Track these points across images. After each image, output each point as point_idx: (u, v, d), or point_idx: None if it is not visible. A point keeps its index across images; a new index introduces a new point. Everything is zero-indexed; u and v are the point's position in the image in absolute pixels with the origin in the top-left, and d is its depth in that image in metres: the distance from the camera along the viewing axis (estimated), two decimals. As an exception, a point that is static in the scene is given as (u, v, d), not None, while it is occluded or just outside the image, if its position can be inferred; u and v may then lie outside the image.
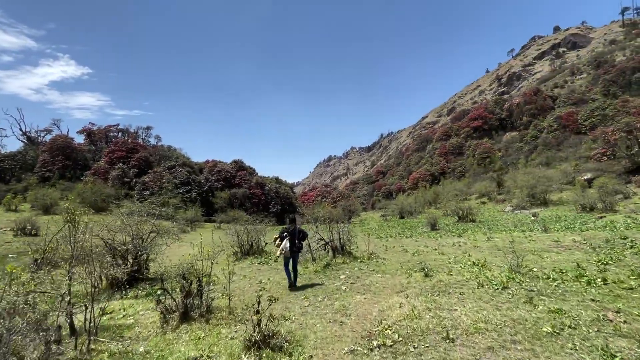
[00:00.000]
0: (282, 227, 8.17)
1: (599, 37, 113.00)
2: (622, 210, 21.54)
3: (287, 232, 7.58)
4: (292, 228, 7.69)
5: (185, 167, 53.92)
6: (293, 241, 7.45)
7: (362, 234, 21.09)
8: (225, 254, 13.56)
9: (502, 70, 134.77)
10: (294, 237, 7.49)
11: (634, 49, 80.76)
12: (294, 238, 7.50)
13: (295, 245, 7.47)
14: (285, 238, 7.47)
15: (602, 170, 37.06)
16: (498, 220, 24.57)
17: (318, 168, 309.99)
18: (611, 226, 11.91)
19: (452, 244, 12.13)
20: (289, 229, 7.68)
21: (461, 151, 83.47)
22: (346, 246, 10.36)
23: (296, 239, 7.52)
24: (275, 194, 58.56)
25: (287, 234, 7.51)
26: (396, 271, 7.96)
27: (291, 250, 7.40)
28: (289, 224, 7.92)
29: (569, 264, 6.88)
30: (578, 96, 72.06)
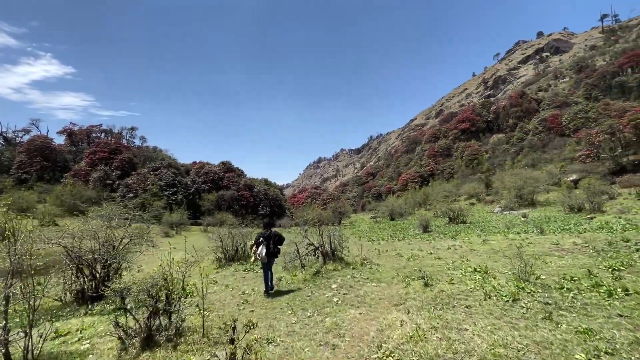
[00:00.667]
0: (257, 233, 8.04)
1: (580, 42, 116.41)
2: (609, 211, 21.59)
3: (262, 237, 7.48)
4: (268, 233, 7.59)
5: (171, 168, 52.36)
6: (269, 245, 7.38)
7: (353, 236, 20.48)
8: (208, 259, 12.72)
9: (488, 74, 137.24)
10: (269, 242, 7.42)
11: (613, 55, 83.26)
12: (270, 243, 7.42)
13: (271, 250, 7.40)
14: (262, 244, 7.35)
15: (587, 172, 37.61)
16: (489, 221, 24.35)
17: (308, 170, 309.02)
18: (607, 227, 11.62)
19: (447, 247, 11.61)
20: (265, 234, 7.57)
21: (449, 153, 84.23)
22: (337, 251, 9.69)
23: (272, 244, 7.44)
24: (265, 195, 57.50)
25: (263, 239, 7.40)
26: (392, 279, 7.32)
27: (267, 255, 7.31)
28: (264, 229, 7.83)
29: (577, 269, 6.39)
30: (561, 99, 73.68)
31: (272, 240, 7.51)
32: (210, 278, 9.62)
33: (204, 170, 57.11)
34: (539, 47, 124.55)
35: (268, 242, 7.43)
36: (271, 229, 7.81)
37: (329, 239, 9.70)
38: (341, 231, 10.78)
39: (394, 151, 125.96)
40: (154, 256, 14.24)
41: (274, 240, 7.55)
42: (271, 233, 7.62)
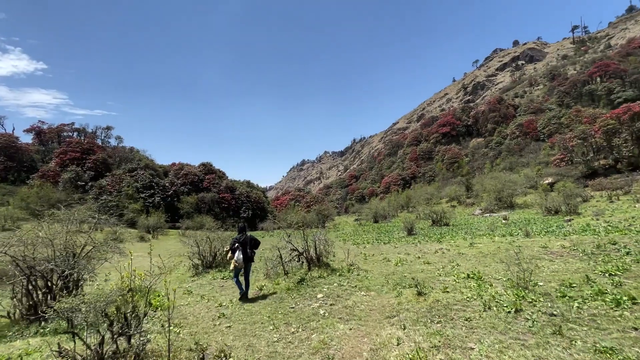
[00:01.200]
0: (232, 238, 7.77)
1: (552, 52, 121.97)
2: (585, 213, 22.23)
3: (237, 242, 7.27)
4: (243, 237, 7.39)
5: (149, 169, 50.28)
6: (245, 250, 7.23)
7: (337, 240, 20.01)
8: (184, 266, 11.87)
9: (467, 80, 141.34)
10: (245, 246, 7.27)
11: (583, 64, 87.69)
12: (246, 247, 7.27)
13: (247, 255, 7.27)
14: (237, 249, 7.16)
15: (562, 175, 38.99)
16: (471, 223, 24.55)
17: (291, 172, 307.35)
18: (590, 230, 11.69)
19: (435, 250, 11.32)
20: (240, 238, 7.35)
21: (431, 156, 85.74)
22: (323, 257, 9.15)
23: (248, 248, 7.30)
24: (247, 198, 56.22)
25: (239, 244, 7.22)
26: (382, 287, 6.86)
27: (245, 260, 7.18)
28: (238, 233, 7.57)
29: (572, 275, 6.15)
30: (536, 105, 76.66)
31: (249, 244, 7.36)
32: (184, 287, 8.85)
33: (183, 171, 55.23)
34: (515, 55, 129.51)
35: (244, 247, 7.25)
36: (246, 233, 7.59)
37: (314, 244, 9.15)
38: (326, 235, 10.27)
39: (377, 154, 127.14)
40: (127, 263, 13.24)
41: (251, 244, 7.40)
42: (246, 237, 7.42)
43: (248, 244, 7.37)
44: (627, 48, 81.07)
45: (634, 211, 18.94)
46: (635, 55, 73.15)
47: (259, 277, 9.27)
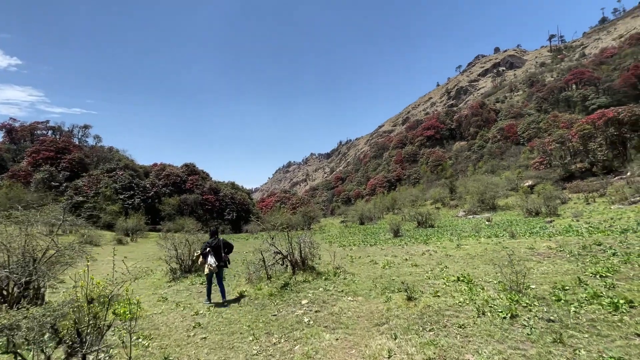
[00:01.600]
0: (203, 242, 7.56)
1: (531, 59, 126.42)
2: (564, 215, 22.75)
3: (210, 246, 7.07)
4: (215, 241, 7.22)
5: (128, 170, 48.51)
6: (219, 255, 7.04)
7: (323, 242, 19.66)
8: (162, 270, 11.21)
9: (451, 85, 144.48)
10: (218, 251, 7.08)
11: (559, 72, 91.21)
12: (219, 251, 7.09)
13: (222, 260, 7.12)
14: (209, 254, 6.96)
15: (541, 178, 40.11)
16: (456, 225, 24.73)
17: (277, 174, 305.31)
18: (573, 231, 11.80)
19: (422, 252, 11.13)
20: (212, 242, 7.18)
21: (415, 159, 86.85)
22: (308, 260, 8.76)
23: (222, 252, 7.12)
24: (231, 200, 55.10)
25: (211, 249, 7.02)
26: (370, 291, 6.53)
27: (218, 265, 6.98)
28: (210, 238, 7.41)
29: (563, 277, 6.02)
30: (516, 110, 79.00)
31: (222, 249, 7.18)
32: (159, 294, 8.26)
33: (165, 172, 53.59)
34: (496, 62, 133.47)
35: (217, 251, 7.06)
36: (218, 237, 7.44)
37: (298, 246, 8.75)
38: (312, 237, 9.88)
39: (363, 156, 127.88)
40: (98, 268, 12.43)
41: (224, 250, 7.21)
42: (219, 241, 7.25)
43: (221, 248, 7.17)
44: (600, 57, 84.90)
45: (610, 212, 19.46)
46: (608, 64, 76.63)
47: (240, 282, 8.79)
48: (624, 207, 21.06)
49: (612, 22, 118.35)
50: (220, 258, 7.09)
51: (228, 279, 9.72)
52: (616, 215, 17.16)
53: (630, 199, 22.91)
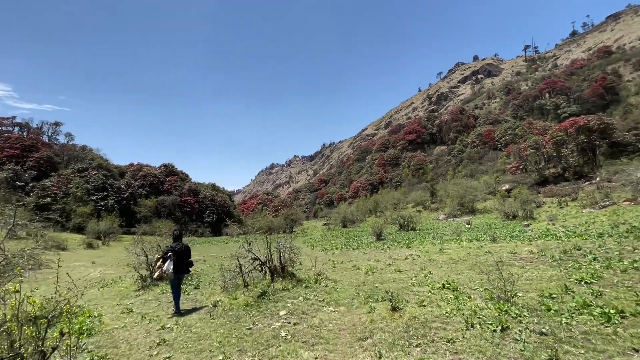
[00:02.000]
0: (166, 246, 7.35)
1: (508, 68, 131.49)
2: (539, 218, 23.41)
3: (172, 250, 6.73)
4: (179, 246, 6.92)
5: (102, 170, 46.25)
6: (180, 260, 6.74)
7: (305, 245, 19.25)
8: (132, 277, 10.44)
9: (432, 90, 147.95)
10: (182, 256, 6.79)
11: (534, 81, 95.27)
12: (181, 257, 6.79)
13: (185, 266, 6.89)
14: (170, 259, 6.58)
15: (518, 182, 41.44)
16: (437, 228, 24.96)
17: (260, 176, 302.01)
18: (552, 235, 11.98)
19: (405, 257, 10.95)
20: (175, 247, 6.85)
21: (397, 162, 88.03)
22: (288, 266, 8.33)
23: (183, 258, 6.84)
24: (211, 202, 53.64)
25: (174, 254, 6.68)
26: (352, 300, 6.19)
27: (177, 271, 6.65)
28: (174, 242, 7.11)
29: (548, 283, 5.91)
30: (494, 117, 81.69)
31: (184, 254, 6.88)
32: (124, 304, 7.58)
33: (141, 173, 51.55)
34: (475, 69, 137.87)
35: (180, 257, 6.74)
36: (182, 242, 7.17)
37: (278, 252, 8.31)
38: (293, 241, 9.46)
39: (346, 159, 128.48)
40: (68, 273, 11.44)
41: (185, 254, 6.92)
42: (183, 246, 6.95)
43: (184, 254, 6.86)
44: (571, 68, 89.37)
45: (582, 216, 20.14)
46: (578, 75, 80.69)
47: (215, 290, 8.24)
48: (595, 211, 21.90)
49: (582, 36, 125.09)
50: (183, 264, 6.82)
51: (202, 286, 9.15)
52: (589, 219, 17.73)
53: (600, 203, 23.88)
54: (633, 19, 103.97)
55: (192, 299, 7.84)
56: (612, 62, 79.63)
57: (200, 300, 7.62)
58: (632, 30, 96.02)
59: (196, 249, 23.27)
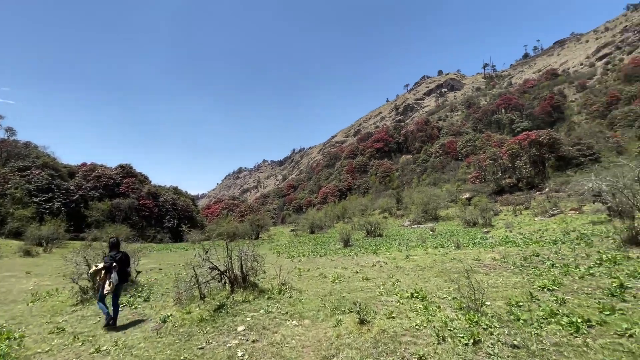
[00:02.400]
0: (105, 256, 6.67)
1: (469, 83, 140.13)
2: (497, 226, 24.67)
3: (114, 260, 6.32)
4: (119, 255, 6.51)
5: (48, 169, 42.06)
6: (122, 270, 6.42)
7: (271, 252, 18.57)
8: (72, 290, 9.21)
9: (399, 101, 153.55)
10: (122, 265, 6.44)
11: (492, 97, 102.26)
12: (123, 266, 6.47)
13: (126, 276, 6.61)
14: (114, 269, 6.19)
15: (477, 191, 43.72)
16: (402, 234, 25.37)
17: (227, 180, 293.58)
18: (511, 242, 12.46)
19: (372, 264, 10.76)
20: (116, 256, 6.43)
21: (365, 169, 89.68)
22: (250, 276, 7.74)
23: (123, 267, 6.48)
24: (172, 206, 50.81)
25: (115, 263, 6.28)
26: (318, 312, 5.77)
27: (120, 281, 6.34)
28: (110, 251, 6.63)
29: (513, 290, 5.92)
30: (456, 129, 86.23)
31: (124, 264, 6.55)
32: (55, 322, 6.55)
33: (95, 173, 47.68)
34: (439, 83, 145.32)
35: (121, 266, 6.39)
36: (120, 251, 6.70)
37: (239, 260, 7.69)
38: (257, 248, 8.89)
39: (316, 165, 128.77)
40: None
41: (125, 263, 6.59)
42: (122, 255, 6.57)
43: (123, 262, 6.51)
44: (524, 87, 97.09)
45: (535, 224, 21.47)
46: (530, 93, 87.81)
47: (167, 304, 7.42)
48: (545, 219, 23.49)
49: (533, 58, 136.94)
50: (124, 274, 6.45)
51: (154, 298, 8.26)
52: (542, 226, 18.89)
53: (550, 211, 25.70)
54: (576, 46, 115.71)
55: (139, 313, 6.97)
56: (559, 83, 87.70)
57: (148, 314, 6.79)
58: (575, 56, 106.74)
59: (153, 256, 21.67)
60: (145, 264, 16.97)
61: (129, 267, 6.85)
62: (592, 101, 67.78)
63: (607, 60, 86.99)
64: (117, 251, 6.58)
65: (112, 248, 6.62)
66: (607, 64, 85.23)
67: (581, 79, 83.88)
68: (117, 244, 6.76)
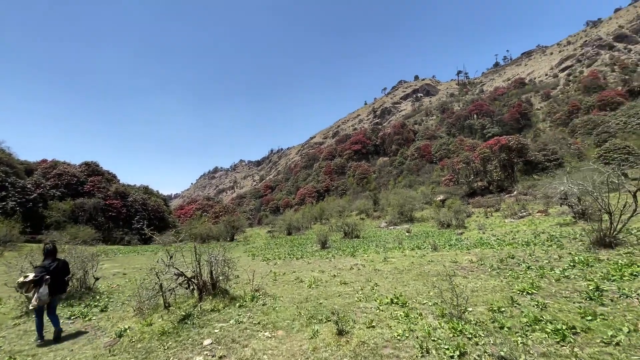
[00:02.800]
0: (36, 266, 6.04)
1: (443, 89, 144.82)
2: (470, 227, 25.33)
3: (47, 271, 5.57)
4: (54, 264, 5.79)
5: (1, 165, 38.67)
6: (58, 281, 5.74)
7: (245, 255, 17.89)
8: (17, 300, 8.23)
9: (377, 104, 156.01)
10: (58, 277, 5.74)
11: (464, 103, 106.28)
12: (59, 277, 5.79)
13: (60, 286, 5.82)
14: (45, 282, 5.44)
15: (451, 193, 44.99)
16: (379, 235, 25.45)
17: (202, 179, 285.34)
18: (486, 243, 12.63)
19: (350, 267, 10.50)
20: (50, 266, 5.70)
21: (343, 171, 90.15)
22: (220, 282, 7.19)
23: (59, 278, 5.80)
24: (142, 206, 48.37)
25: (48, 275, 5.53)
26: (293, 322, 5.37)
27: (52, 294, 5.58)
28: (46, 259, 5.89)
29: (493, 295, 5.82)
30: (431, 133, 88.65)
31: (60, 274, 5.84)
32: (-10, 340, 5.70)
33: (56, 171, 44.52)
34: (415, 88, 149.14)
35: (55, 277, 5.64)
36: (57, 259, 5.99)
37: (209, 266, 7.13)
38: (232, 250, 8.34)
39: (294, 166, 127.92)
40: None
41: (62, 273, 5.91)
42: (59, 264, 5.89)
43: (60, 272, 5.83)
44: (494, 94, 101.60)
45: (506, 225, 22.20)
46: (500, 101, 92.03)
47: (127, 314, 6.72)
48: (515, 221, 24.37)
49: (503, 67, 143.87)
50: (59, 285, 5.77)
51: (112, 308, 7.50)
52: (512, 228, 19.51)
53: (519, 213, 26.75)
54: (541, 57, 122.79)
55: (93, 326, 6.24)
56: (526, 92, 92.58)
57: (103, 327, 6.08)
58: (541, 66, 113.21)
59: (118, 259, 20.33)
60: (108, 269, 15.82)
61: (68, 275, 6.28)
62: (556, 110, 72.04)
63: (569, 72, 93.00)
64: (53, 259, 5.88)
65: (47, 256, 5.89)
66: (569, 75, 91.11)
67: (546, 88, 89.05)
68: (53, 251, 5.99)
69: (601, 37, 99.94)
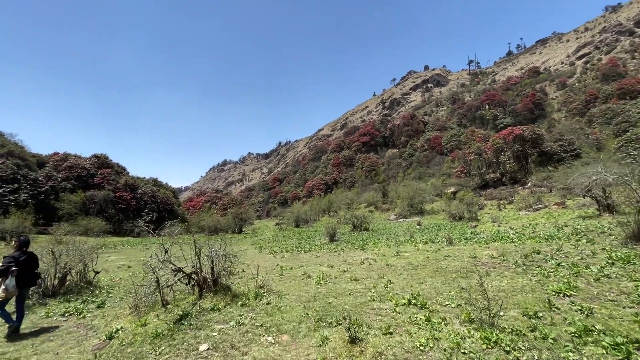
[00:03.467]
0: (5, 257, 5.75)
1: (454, 79, 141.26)
2: (483, 220, 24.43)
3: (15, 261, 5.50)
4: (24, 256, 5.72)
5: (13, 158, 39.16)
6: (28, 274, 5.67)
7: (252, 247, 17.51)
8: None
9: (386, 96, 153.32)
10: (27, 269, 5.67)
11: (476, 93, 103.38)
12: (28, 270, 5.71)
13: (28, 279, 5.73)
14: (11, 273, 5.31)
15: (462, 185, 43.85)
16: (389, 228, 24.81)
17: (211, 172, 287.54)
18: (505, 237, 11.88)
19: (360, 261, 9.93)
20: (19, 257, 5.63)
21: (352, 163, 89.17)
22: (222, 278, 6.70)
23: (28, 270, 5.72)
24: (151, 198, 48.58)
25: (17, 266, 5.45)
26: (299, 324, 4.84)
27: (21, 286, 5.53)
28: (17, 251, 5.81)
29: (524, 296, 5.17)
30: (441, 124, 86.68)
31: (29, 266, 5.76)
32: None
33: (67, 163, 44.93)
34: (425, 78, 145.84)
35: (24, 270, 5.58)
36: (28, 251, 5.92)
37: (211, 261, 6.64)
38: (239, 242, 7.85)
39: (302, 158, 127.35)
40: None
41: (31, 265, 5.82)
42: (29, 256, 5.84)
43: (29, 264, 5.74)
44: (507, 84, 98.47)
45: (521, 218, 21.26)
46: (512, 90, 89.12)
47: (122, 312, 6.30)
48: (530, 214, 23.37)
49: (516, 56, 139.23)
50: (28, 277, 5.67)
51: (110, 304, 7.12)
52: (529, 220, 18.60)
53: (534, 206, 25.69)
54: (557, 45, 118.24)
55: (86, 324, 5.83)
56: (540, 81, 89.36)
57: (96, 326, 5.67)
58: (556, 54, 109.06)
59: (125, 252, 20.23)
60: (114, 261, 15.68)
61: (36, 268, 6.10)
62: (572, 99, 69.31)
63: (587, 60, 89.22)
64: (23, 252, 5.79)
65: (19, 247, 5.85)
66: (587, 63, 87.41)
67: (561, 77, 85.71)
68: (25, 243, 5.98)
69: (621, 22, 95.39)
